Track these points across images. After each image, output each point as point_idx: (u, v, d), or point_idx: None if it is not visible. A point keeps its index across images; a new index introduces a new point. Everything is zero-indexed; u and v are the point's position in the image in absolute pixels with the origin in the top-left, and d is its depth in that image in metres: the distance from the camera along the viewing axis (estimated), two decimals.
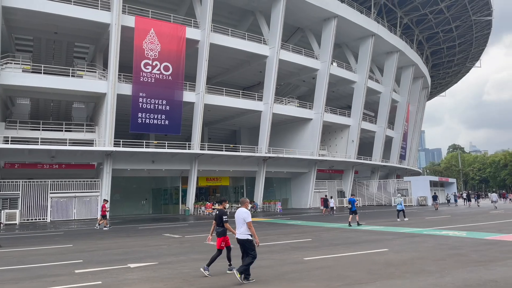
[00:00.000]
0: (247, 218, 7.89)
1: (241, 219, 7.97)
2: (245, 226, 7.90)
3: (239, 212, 8.11)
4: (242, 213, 8.01)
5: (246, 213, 7.99)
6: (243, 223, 7.92)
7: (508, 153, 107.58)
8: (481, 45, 67.46)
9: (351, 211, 21.02)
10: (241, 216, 7.98)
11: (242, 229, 7.95)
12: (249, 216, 7.93)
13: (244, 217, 7.93)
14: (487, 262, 9.50)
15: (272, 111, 37.25)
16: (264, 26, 38.17)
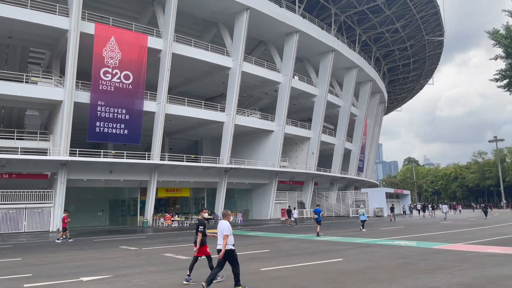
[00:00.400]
0: (225, 230, 8.10)
1: (221, 231, 8.22)
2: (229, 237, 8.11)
3: (220, 224, 8.34)
4: (222, 226, 8.25)
5: (226, 226, 8.20)
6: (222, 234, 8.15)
7: (458, 166, 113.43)
8: (433, 63, 71.24)
9: (317, 221, 21.65)
10: (221, 228, 8.22)
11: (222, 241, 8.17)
12: (228, 230, 8.11)
13: (223, 229, 8.15)
14: (433, 270, 10.01)
15: (234, 123, 37.42)
16: (227, 38, 38.49)
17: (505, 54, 21.78)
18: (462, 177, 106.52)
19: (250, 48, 43.65)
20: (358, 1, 46.22)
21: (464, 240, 17.11)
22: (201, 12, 37.24)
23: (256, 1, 36.84)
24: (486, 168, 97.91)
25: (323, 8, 47.08)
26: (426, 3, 49.36)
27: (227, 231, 8.08)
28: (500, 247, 14.28)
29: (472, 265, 10.56)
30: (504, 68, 22.62)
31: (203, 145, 48.11)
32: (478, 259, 11.77)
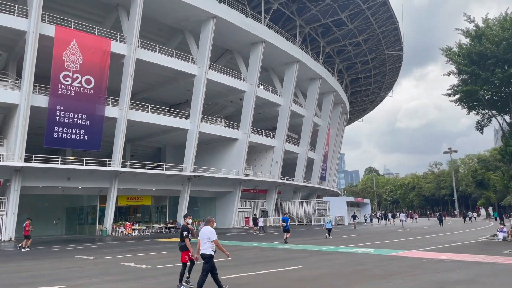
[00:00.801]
0: (212, 236, 8.42)
1: (206, 237, 8.46)
2: (209, 243, 8.43)
3: (204, 230, 8.59)
4: (207, 232, 8.51)
5: (211, 231, 8.49)
6: (208, 240, 8.44)
7: (416, 176, 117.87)
8: (393, 76, 74.08)
9: (285, 229, 22.01)
10: (206, 234, 8.47)
11: (206, 245, 8.48)
12: (214, 235, 8.46)
13: (209, 235, 8.44)
14: (387, 276, 10.41)
15: (199, 130, 37.25)
16: (193, 46, 38.43)
17: (457, 71, 23.13)
18: (419, 187, 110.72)
19: (216, 56, 43.77)
20: (322, 14, 47.53)
21: (418, 247, 17.84)
22: (166, 18, 37.02)
23: (223, 10, 37.10)
24: (441, 178, 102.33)
25: (289, 19, 48.04)
26: (386, 18, 51.44)
27: (214, 237, 8.42)
28: (450, 254, 15.03)
29: (423, 271, 11.06)
30: (456, 84, 24.00)
31: (166, 153, 47.47)
32: (429, 265, 12.33)
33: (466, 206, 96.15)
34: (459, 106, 24.62)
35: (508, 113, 23.19)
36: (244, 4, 41.59)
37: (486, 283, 9.26)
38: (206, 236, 8.50)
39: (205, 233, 8.53)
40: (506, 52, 20.67)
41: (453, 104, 24.49)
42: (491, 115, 24.23)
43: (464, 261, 13.08)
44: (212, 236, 8.41)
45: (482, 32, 21.57)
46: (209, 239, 8.44)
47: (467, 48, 22.21)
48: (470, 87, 22.29)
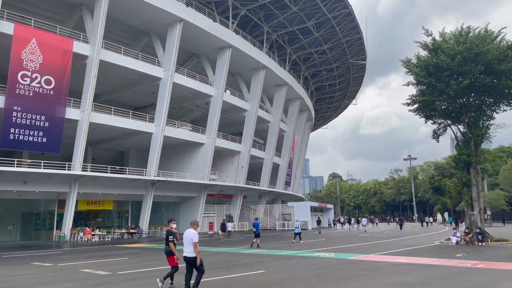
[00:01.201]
0: (194, 238, 8.59)
1: (189, 239, 8.63)
2: (191, 246, 8.60)
3: (188, 233, 8.75)
4: (190, 234, 8.68)
5: (194, 234, 8.66)
6: (191, 242, 8.60)
7: (377, 182, 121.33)
8: (357, 85, 76.10)
9: (256, 234, 22.22)
10: (189, 236, 8.65)
11: (190, 248, 8.63)
12: (196, 237, 8.63)
13: (192, 237, 8.60)
14: (346, 279, 10.71)
15: (163, 134, 36.74)
16: (159, 48, 37.97)
17: (415, 81, 24.13)
18: (381, 192, 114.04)
19: (182, 60, 43.42)
20: (289, 21, 48.27)
21: (377, 251, 18.41)
22: (132, 20, 36.41)
23: (190, 14, 36.93)
24: (401, 184, 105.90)
25: (256, 26, 48.45)
26: (351, 28, 52.87)
27: (196, 239, 8.59)
28: (407, 257, 15.62)
29: (380, 274, 11.45)
30: (415, 94, 25.02)
31: (129, 156, 46.46)
32: (387, 268, 12.78)
33: (424, 211, 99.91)
34: (417, 115, 25.68)
35: (462, 123, 24.41)
36: (211, 9, 41.61)
37: (437, 285, 9.72)
38: (189, 238, 8.67)
39: (188, 235, 8.71)
40: (460, 65, 21.78)
41: (412, 113, 25.52)
42: (447, 124, 25.39)
43: (419, 264, 13.64)
44: (194, 238, 8.59)
45: (439, 46, 22.68)
46: (192, 241, 8.61)
47: (425, 60, 23.23)
48: (427, 97, 23.32)
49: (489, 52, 21.17)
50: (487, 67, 21.59)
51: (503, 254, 16.23)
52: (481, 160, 26.05)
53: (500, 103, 23.55)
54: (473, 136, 23.64)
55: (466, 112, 23.99)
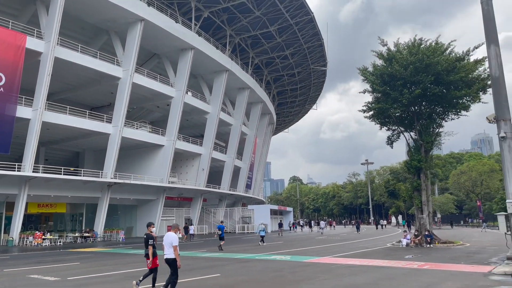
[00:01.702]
0: (174, 242, 8.87)
1: (170, 242, 8.92)
2: (171, 249, 8.89)
3: (168, 236, 9.03)
4: (170, 237, 8.96)
5: (174, 237, 8.94)
6: (171, 245, 8.88)
7: (336, 185, 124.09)
8: (317, 90, 77.71)
9: (221, 237, 22.58)
10: (170, 239, 8.93)
11: (171, 250, 8.90)
12: (176, 241, 8.90)
13: (172, 240, 8.89)
14: (299, 281, 10.92)
15: (121, 135, 35.83)
16: (118, 48, 37.07)
17: (371, 89, 25.01)
18: (339, 196, 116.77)
19: (143, 60, 42.62)
20: (252, 26, 48.63)
21: (332, 254, 18.88)
22: (91, 17, 35.33)
23: (151, 14, 36.35)
24: (359, 188, 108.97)
25: (219, 28, 48.42)
26: (312, 35, 54.00)
27: (176, 242, 8.86)
28: (359, 259, 16.13)
29: (333, 276, 11.77)
30: (370, 101, 25.92)
31: (85, 157, 44.90)
32: (339, 270, 13.14)
33: (380, 214, 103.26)
34: (373, 121, 26.63)
35: (414, 130, 25.57)
36: (174, 10, 41.17)
37: (384, 286, 10.13)
38: (169, 241, 8.95)
39: (168, 239, 8.98)
40: (412, 75, 22.85)
41: (368, 119, 26.42)
42: (400, 131, 26.54)
43: (369, 265, 14.13)
44: (174, 241, 8.85)
45: (393, 56, 23.68)
46: (171, 244, 8.85)
47: (380, 69, 24.18)
48: (381, 105, 24.25)
49: (439, 63, 22.35)
50: (437, 78, 22.77)
51: (448, 256, 17.12)
52: (432, 166, 27.38)
53: (449, 112, 24.88)
54: (423, 143, 24.82)
55: (418, 120, 25.16)
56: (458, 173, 74.39)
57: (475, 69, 23.36)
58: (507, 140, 15.35)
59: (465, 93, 22.87)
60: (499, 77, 15.96)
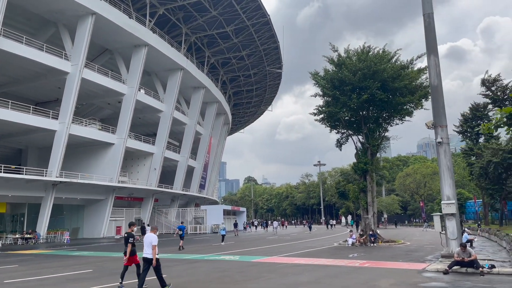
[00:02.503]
0: (153, 241, 9.56)
1: (149, 242, 9.59)
2: (150, 249, 9.52)
3: (148, 236, 9.73)
4: (150, 237, 9.66)
5: (154, 237, 9.63)
6: (150, 245, 9.54)
7: (289, 186, 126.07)
8: (273, 92, 78.67)
9: (181, 237, 23.42)
10: (149, 240, 9.63)
11: (150, 250, 9.56)
12: (156, 241, 9.61)
13: (152, 241, 9.57)
14: (244, 281, 11.07)
15: (68, 132, 34.39)
16: (67, 41, 35.56)
17: (322, 93, 25.74)
18: (292, 196, 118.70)
19: (93, 55, 41.15)
20: (209, 25, 48.40)
21: (279, 253, 19.23)
22: (37, 8, 33.62)
23: (103, 8, 35.19)
24: (311, 189, 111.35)
25: (175, 26, 47.76)
26: (268, 37, 54.61)
27: (155, 242, 9.56)
28: (305, 259, 16.58)
29: (278, 275, 12.04)
30: (321, 105, 26.66)
31: (28, 155, 42.63)
32: (285, 269, 13.45)
33: (331, 214, 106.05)
34: (323, 124, 27.40)
35: (362, 134, 26.60)
36: (128, 5, 40.11)
37: (326, 283, 10.52)
38: (149, 241, 9.61)
39: (148, 239, 9.65)
40: (361, 80, 23.78)
41: (318, 122, 27.13)
42: (349, 134, 27.51)
43: (314, 264, 14.58)
44: (153, 241, 9.54)
45: (343, 61, 24.52)
46: (151, 243, 9.52)
47: (331, 74, 24.96)
48: (331, 108, 25.03)
49: (385, 70, 23.44)
50: (383, 84, 23.85)
51: (388, 254, 17.99)
52: (379, 168, 28.61)
53: (394, 117, 26.13)
54: (370, 146, 25.90)
55: (365, 124, 26.20)
56: (404, 175, 78.00)
57: (418, 77, 24.72)
58: (443, 145, 16.40)
59: (408, 99, 24.14)
60: (438, 86, 17.02)
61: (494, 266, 11.99)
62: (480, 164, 42.95)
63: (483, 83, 35.87)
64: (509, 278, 10.86)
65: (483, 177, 43.01)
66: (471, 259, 11.85)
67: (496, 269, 11.82)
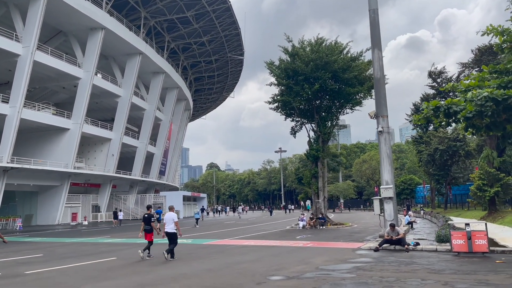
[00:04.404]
0: (175, 218, 12.15)
1: (171, 219, 12.12)
2: (173, 224, 12.01)
3: (169, 214, 12.29)
4: (171, 215, 12.22)
5: (174, 215, 12.26)
6: (172, 222, 12.08)
7: (251, 172, 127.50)
8: (235, 79, 78.83)
9: (158, 220, 25.53)
10: (171, 217, 12.16)
11: (171, 226, 12.04)
12: (176, 217, 12.22)
13: (173, 218, 12.13)
14: (191, 260, 11.74)
15: (20, 116, 33.35)
16: (18, 22, 34.21)
17: (277, 82, 26.50)
18: (254, 182, 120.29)
19: (47, 37, 39.81)
20: (169, 9, 47.76)
21: (232, 236, 20.03)
22: None
23: None
24: (272, 175, 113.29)
25: (133, 9, 46.78)
26: (229, 24, 54.60)
27: (176, 218, 12.17)
28: (255, 241, 17.46)
29: (223, 255, 12.79)
30: (276, 94, 27.44)
31: None
32: (232, 250, 14.23)
33: (292, 199, 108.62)
34: (278, 113, 28.23)
35: (314, 122, 27.67)
36: None
37: (266, 261, 11.35)
38: (170, 219, 12.08)
39: (169, 217, 12.16)
40: (313, 71, 24.68)
41: (273, 111, 27.95)
42: (302, 122, 28.53)
43: (261, 245, 15.47)
44: (174, 218, 12.10)
45: (296, 52, 25.32)
46: (173, 220, 11.99)
47: (285, 64, 25.71)
48: (285, 98, 25.90)
49: (336, 62, 24.45)
50: (334, 75, 24.92)
51: (333, 235, 19.21)
52: (332, 154, 29.88)
53: (345, 107, 27.36)
54: (321, 134, 27.04)
55: (317, 113, 27.28)
56: (360, 161, 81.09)
57: (368, 68, 25.95)
58: (383, 134, 17.62)
59: (357, 90, 25.35)
60: (380, 78, 18.16)
61: (419, 244, 13.32)
62: (428, 151, 45.74)
63: (430, 75, 37.99)
64: (429, 253, 12.14)
65: (431, 164, 45.84)
66: (398, 237, 13.08)
67: (420, 246, 13.14)
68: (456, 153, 43.43)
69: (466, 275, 8.57)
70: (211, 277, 9.11)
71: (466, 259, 10.78)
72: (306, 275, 8.91)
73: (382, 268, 9.66)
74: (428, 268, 9.54)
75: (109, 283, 8.75)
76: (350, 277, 8.58)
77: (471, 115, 11.61)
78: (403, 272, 9.00)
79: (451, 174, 46.00)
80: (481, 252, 11.22)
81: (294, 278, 8.56)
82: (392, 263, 10.33)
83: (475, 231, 11.53)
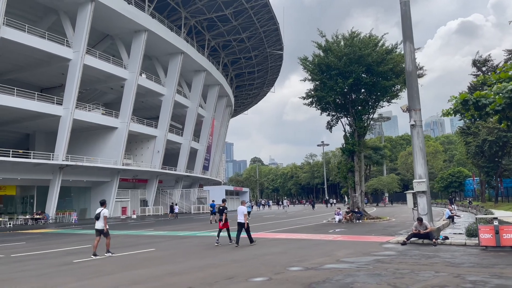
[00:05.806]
0: (245, 211, 14.22)
1: (241, 211, 14.12)
2: (243, 216, 13.97)
3: (240, 207, 14.35)
4: (242, 208, 14.26)
5: (245, 208, 14.34)
6: (242, 214, 14.04)
7: (294, 166, 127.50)
8: (275, 73, 79.18)
9: (213, 212, 27.97)
10: (242, 210, 14.19)
11: (241, 217, 14.01)
12: (246, 210, 14.29)
13: (243, 210, 14.16)
14: (221, 252, 12.45)
15: (72, 117, 35.86)
16: (68, 28, 36.66)
17: (310, 78, 26.66)
18: (297, 176, 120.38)
19: (95, 41, 42.27)
20: (208, 8, 48.96)
21: (267, 230, 20.65)
22: None
23: None
24: (315, 169, 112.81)
25: (174, 10, 48.42)
26: (268, 19, 55.00)
27: (245, 211, 14.22)
28: (287, 234, 17.98)
29: (253, 248, 13.42)
30: (311, 89, 27.62)
31: (36, 139, 44.36)
32: (263, 243, 14.84)
33: (335, 193, 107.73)
34: (314, 107, 28.33)
35: (349, 116, 27.57)
36: None
37: (291, 253, 11.84)
38: (241, 211, 14.11)
39: (241, 209, 14.22)
40: (346, 65, 24.60)
41: (307, 106, 28.10)
42: (338, 117, 28.48)
43: (293, 239, 15.96)
44: (244, 211, 14.14)
45: (329, 47, 25.34)
46: (243, 213, 14.03)
47: (318, 59, 25.80)
48: (318, 93, 26.03)
49: (369, 55, 24.23)
50: (368, 68, 24.70)
51: (366, 229, 19.28)
52: (365, 149, 29.55)
53: (380, 100, 27.02)
54: (356, 128, 26.92)
55: (353, 107, 27.16)
56: (405, 154, 78.73)
57: (403, 61, 25.40)
58: (416, 127, 17.44)
59: (393, 83, 24.98)
60: (412, 72, 17.93)
61: (448, 238, 13.25)
62: (476, 143, 43.80)
63: (474, 63, 36.36)
64: (456, 248, 12.10)
65: (479, 156, 43.89)
66: (426, 231, 13.09)
67: (449, 240, 13.07)
68: (507, 144, 41.30)
69: (483, 268, 8.63)
70: (235, 267, 9.77)
71: (492, 253, 10.70)
72: (324, 266, 9.34)
73: (402, 261, 9.87)
74: (448, 261, 9.64)
75: (144, 271, 9.65)
76: (367, 268, 8.90)
77: (500, 108, 11.43)
78: (420, 265, 9.18)
79: (501, 166, 43.83)
80: (509, 246, 11.08)
81: (312, 269, 9.02)
82: (414, 257, 10.49)
83: (504, 225, 11.37)
